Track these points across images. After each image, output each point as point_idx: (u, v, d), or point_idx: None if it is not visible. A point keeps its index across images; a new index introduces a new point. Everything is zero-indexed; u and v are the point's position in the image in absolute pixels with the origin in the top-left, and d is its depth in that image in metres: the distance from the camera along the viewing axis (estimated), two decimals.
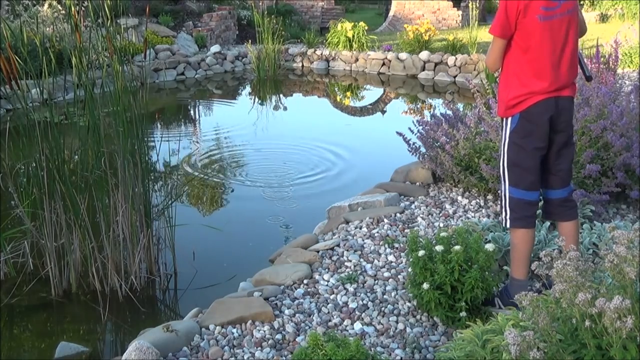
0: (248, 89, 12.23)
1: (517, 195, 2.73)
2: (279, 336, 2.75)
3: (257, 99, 11.15)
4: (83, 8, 4.59)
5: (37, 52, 3.85)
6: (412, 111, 9.57)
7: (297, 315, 2.92)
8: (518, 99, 2.67)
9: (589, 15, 18.04)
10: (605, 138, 3.89)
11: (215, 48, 13.00)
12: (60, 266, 3.66)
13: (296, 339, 2.73)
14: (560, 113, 2.70)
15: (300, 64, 13.53)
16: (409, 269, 2.90)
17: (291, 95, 11.52)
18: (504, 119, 2.76)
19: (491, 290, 2.75)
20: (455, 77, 11.64)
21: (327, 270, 3.39)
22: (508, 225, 2.77)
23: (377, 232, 3.84)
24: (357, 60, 13.04)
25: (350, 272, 3.33)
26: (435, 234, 2.94)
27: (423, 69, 12.13)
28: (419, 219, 4.08)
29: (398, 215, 4.12)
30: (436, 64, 12.00)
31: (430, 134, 4.60)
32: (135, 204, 3.72)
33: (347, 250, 3.59)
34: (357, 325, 2.85)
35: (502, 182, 2.80)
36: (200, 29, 13.95)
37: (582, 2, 19.14)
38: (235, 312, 2.89)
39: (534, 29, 2.61)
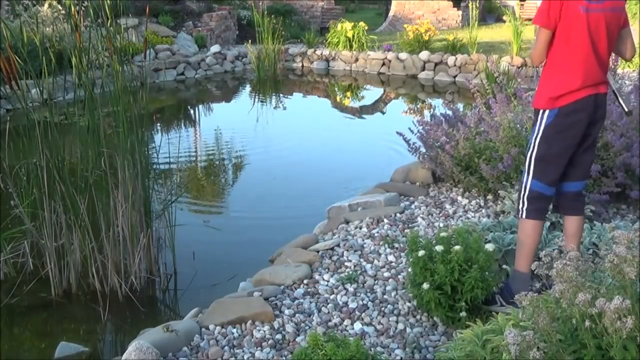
0: (248, 89, 12.23)
1: (538, 188, 2.76)
2: (279, 336, 2.75)
3: (257, 99, 11.15)
4: (83, 8, 4.59)
5: (37, 52, 3.85)
6: (412, 111, 9.57)
7: (297, 315, 2.92)
8: (559, 92, 2.67)
9: None
10: (605, 138, 3.89)
11: (215, 48, 13.00)
12: (60, 266, 3.66)
13: (296, 339, 2.73)
14: (597, 110, 2.72)
15: (300, 64, 13.53)
16: (409, 269, 2.90)
17: (291, 95, 11.51)
18: (541, 112, 2.74)
19: (491, 290, 2.75)
20: (455, 77, 11.64)
21: (327, 270, 3.39)
22: (523, 216, 2.79)
23: (377, 232, 3.83)
24: (357, 60, 13.04)
25: (350, 272, 3.32)
26: (435, 234, 2.94)
27: (423, 69, 12.13)
28: (419, 219, 4.08)
29: (398, 215, 4.12)
30: (436, 64, 12.01)
31: (430, 134, 4.60)
32: (135, 204, 3.72)
33: (347, 250, 3.59)
34: (357, 325, 2.85)
35: (526, 174, 2.80)
36: (200, 29, 13.95)
37: None
38: (235, 312, 2.89)
39: (577, 20, 2.60)
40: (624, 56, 2.86)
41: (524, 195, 2.79)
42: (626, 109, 2.88)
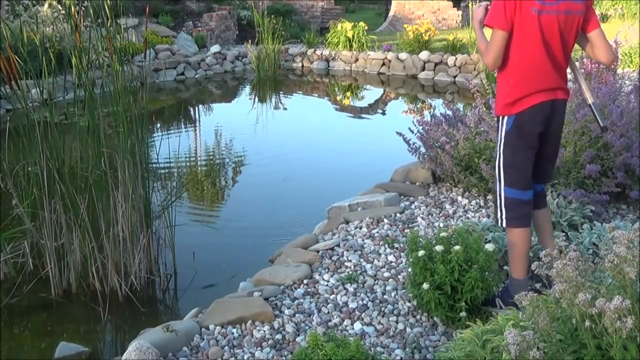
0: (248, 89, 12.23)
1: (513, 195, 2.72)
2: (279, 336, 2.75)
3: (257, 99, 11.15)
4: (83, 8, 4.59)
5: (37, 52, 3.85)
6: (412, 111, 9.57)
7: (297, 315, 2.92)
8: (513, 97, 2.63)
9: None
10: (605, 138, 3.89)
11: (215, 48, 13.00)
12: (60, 266, 3.66)
13: (296, 339, 2.73)
14: (554, 116, 2.69)
15: (300, 64, 13.53)
16: (409, 269, 2.90)
17: (291, 95, 11.51)
18: (500, 119, 2.73)
19: (491, 290, 2.75)
20: (455, 77, 11.64)
21: (327, 270, 3.39)
22: (504, 225, 2.76)
23: (377, 232, 3.83)
24: (357, 60, 13.04)
25: (350, 272, 3.32)
26: (435, 234, 2.94)
27: (423, 69, 12.13)
28: (419, 219, 4.08)
29: (398, 215, 4.12)
30: (436, 64, 12.01)
31: (430, 134, 4.60)
32: (135, 204, 3.72)
33: (347, 250, 3.59)
34: (357, 325, 2.85)
35: (497, 183, 2.77)
36: (200, 29, 13.95)
37: None
38: (235, 312, 2.89)
39: (529, 22, 2.54)
40: (601, 61, 2.77)
41: (500, 203, 2.76)
42: (602, 125, 2.79)
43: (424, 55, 12.13)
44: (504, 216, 2.75)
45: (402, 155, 4.99)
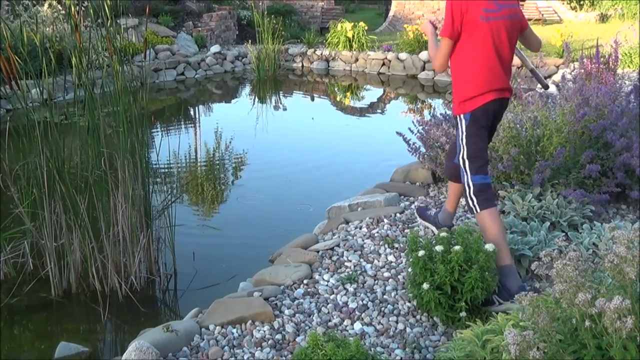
0: (248, 89, 12.24)
1: (479, 180, 2.99)
2: (278, 336, 2.75)
3: (257, 99, 11.15)
4: (83, 8, 4.59)
5: (37, 52, 3.85)
6: (412, 111, 9.57)
7: (297, 315, 2.92)
8: (469, 95, 2.94)
9: (589, 15, 18.05)
10: (605, 138, 3.89)
11: (215, 48, 13.00)
12: (60, 266, 3.66)
13: (296, 339, 2.73)
14: (500, 111, 3.07)
15: (300, 64, 13.53)
16: (409, 269, 2.90)
17: (291, 95, 11.52)
18: (458, 117, 3.03)
19: (491, 290, 2.75)
20: None
21: (327, 270, 3.39)
22: (478, 210, 2.96)
23: (377, 232, 3.83)
24: (357, 60, 13.04)
25: (350, 272, 3.32)
26: (435, 234, 2.94)
27: (423, 69, 12.13)
28: (419, 219, 4.07)
29: (398, 215, 4.12)
30: None
31: (430, 134, 4.59)
32: (135, 204, 3.72)
33: (347, 251, 3.59)
34: (357, 326, 2.85)
35: (465, 174, 3.02)
36: (200, 29, 13.95)
37: (582, 2, 19.14)
38: (235, 312, 2.89)
39: (479, 30, 2.86)
40: (533, 50, 3.25)
41: (470, 192, 2.99)
42: (544, 84, 3.41)
43: (424, 55, 12.13)
44: (475, 202, 2.97)
45: (402, 156, 4.99)
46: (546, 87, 3.52)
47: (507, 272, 2.82)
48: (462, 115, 3.00)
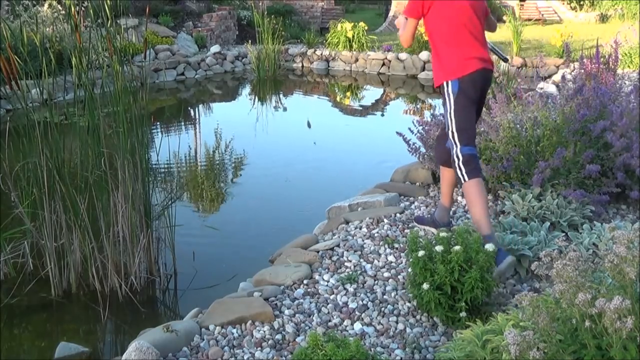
0: (248, 89, 12.24)
1: (468, 151, 3.16)
2: (278, 336, 2.75)
3: (257, 99, 11.15)
4: (83, 8, 4.59)
5: (37, 52, 3.85)
6: (412, 111, 9.57)
7: (297, 315, 2.92)
8: (454, 62, 3.16)
9: (589, 16, 18.05)
10: (605, 138, 3.89)
11: (215, 48, 13.00)
12: (60, 266, 3.66)
13: (296, 339, 2.73)
14: (486, 83, 3.26)
15: (300, 64, 13.53)
16: (409, 269, 2.90)
17: (291, 95, 11.52)
18: (444, 85, 3.20)
19: (491, 290, 2.75)
20: None
21: (327, 270, 3.39)
22: (467, 179, 3.12)
23: (377, 233, 3.83)
24: (357, 60, 13.04)
25: (350, 273, 3.32)
26: (435, 234, 2.94)
27: (423, 69, 12.13)
28: (418, 225, 4.07)
29: (398, 215, 4.12)
30: None
31: (430, 134, 4.59)
32: (135, 204, 3.72)
33: (347, 251, 3.59)
34: (357, 326, 2.85)
35: (454, 147, 3.17)
36: (200, 29, 13.95)
37: (582, 2, 19.14)
38: (235, 313, 2.89)
39: (451, 9, 3.18)
40: (491, 31, 3.54)
41: (459, 163, 3.15)
42: (504, 58, 3.72)
43: (424, 55, 12.13)
44: (464, 172, 3.14)
45: (402, 156, 4.99)
46: (505, 60, 3.78)
47: (488, 240, 2.98)
48: (449, 85, 3.17)
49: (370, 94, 11.55)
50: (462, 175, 3.15)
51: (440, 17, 3.21)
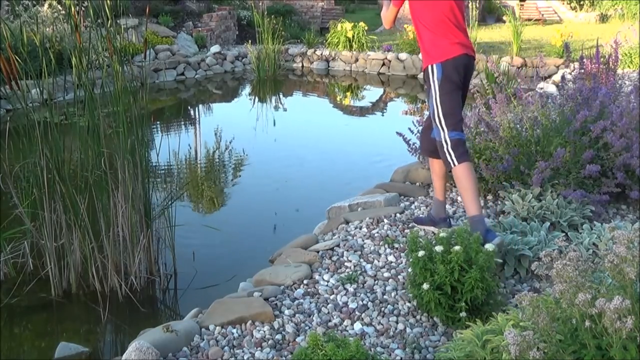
0: (248, 89, 12.23)
1: (456, 136, 3.22)
2: (278, 336, 2.75)
3: (257, 99, 11.15)
4: (83, 8, 4.59)
5: (37, 52, 3.85)
6: (412, 111, 9.56)
7: (297, 315, 2.92)
8: (438, 47, 3.26)
9: (589, 15, 18.06)
10: (605, 138, 3.89)
11: (215, 48, 13.00)
12: (60, 266, 3.66)
13: (296, 339, 2.73)
14: (468, 68, 3.34)
15: (300, 64, 13.53)
16: (409, 269, 2.90)
17: (291, 95, 11.52)
18: (429, 69, 3.27)
19: (491, 290, 2.75)
20: None
21: (327, 270, 3.39)
22: (456, 164, 3.19)
23: (377, 233, 3.83)
24: (357, 60, 13.04)
25: (350, 273, 3.32)
26: (435, 234, 2.94)
27: None
28: (417, 225, 4.07)
29: (398, 215, 4.12)
30: None
31: None
32: (135, 204, 3.72)
33: (347, 251, 3.59)
34: (357, 326, 2.85)
35: (441, 132, 3.24)
36: (200, 29, 13.95)
37: (582, 2, 19.15)
38: (235, 313, 2.89)
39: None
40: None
41: (447, 148, 3.22)
42: None
43: None
44: (453, 157, 3.20)
45: (402, 156, 4.99)
46: None
47: (477, 221, 3.12)
48: (433, 70, 3.25)
49: (370, 94, 11.54)
50: (452, 160, 3.20)
51: (423, 5, 3.33)
